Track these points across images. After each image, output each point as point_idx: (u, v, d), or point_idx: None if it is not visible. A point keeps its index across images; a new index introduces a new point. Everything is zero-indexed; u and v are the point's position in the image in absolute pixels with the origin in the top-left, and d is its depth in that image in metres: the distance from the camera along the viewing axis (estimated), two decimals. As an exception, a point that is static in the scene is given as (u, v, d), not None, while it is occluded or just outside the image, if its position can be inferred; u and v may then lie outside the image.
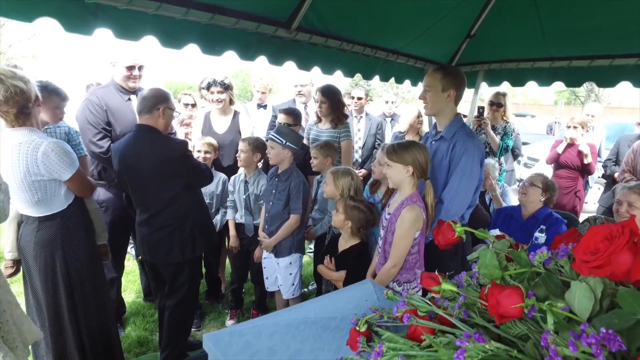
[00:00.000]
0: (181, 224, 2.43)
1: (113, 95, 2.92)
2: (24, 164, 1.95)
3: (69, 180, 2.07)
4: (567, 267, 0.73)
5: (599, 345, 0.51)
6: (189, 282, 2.55)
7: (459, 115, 2.35)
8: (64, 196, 2.11)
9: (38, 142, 1.96)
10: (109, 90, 2.94)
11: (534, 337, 0.71)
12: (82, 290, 2.18)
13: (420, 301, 0.84)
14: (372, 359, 0.75)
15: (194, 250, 2.51)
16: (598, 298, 0.60)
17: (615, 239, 0.54)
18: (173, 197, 2.39)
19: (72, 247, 2.13)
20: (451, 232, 0.89)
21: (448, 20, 3.15)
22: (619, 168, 4.15)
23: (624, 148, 4.23)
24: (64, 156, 2.02)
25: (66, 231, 2.11)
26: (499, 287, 0.65)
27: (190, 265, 2.55)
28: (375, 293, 1.37)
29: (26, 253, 2.12)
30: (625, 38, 2.85)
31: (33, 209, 2.06)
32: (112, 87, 2.95)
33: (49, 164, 1.98)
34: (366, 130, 4.35)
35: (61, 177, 2.04)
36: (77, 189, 2.16)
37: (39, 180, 1.99)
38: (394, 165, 2.00)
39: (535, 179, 2.94)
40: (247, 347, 1.16)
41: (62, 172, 2.03)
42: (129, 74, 2.91)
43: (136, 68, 2.93)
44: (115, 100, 2.91)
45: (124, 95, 2.96)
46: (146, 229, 2.43)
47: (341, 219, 2.36)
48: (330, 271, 2.45)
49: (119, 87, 2.95)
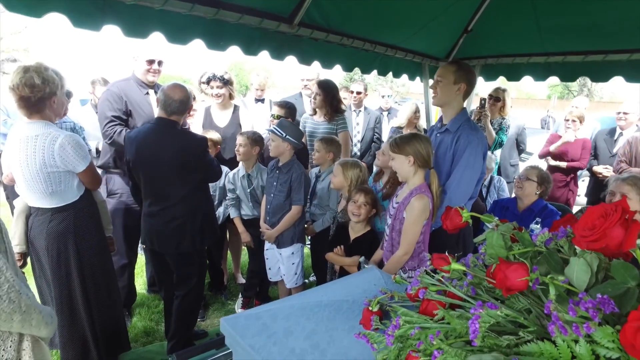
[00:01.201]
0: (193, 216, 2.51)
1: (133, 88, 3.02)
2: (40, 156, 2.02)
3: (82, 173, 2.16)
4: (566, 247, 0.80)
5: (595, 309, 0.59)
6: (197, 273, 2.63)
7: (465, 110, 2.42)
8: (76, 188, 2.19)
9: (55, 135, 2.04)
10: (128, 83, 3.04)
11: (536, 310, 0.79)
12: (94, 280, 2.25)
13: (431, 280, 0.91)
14: (390, 331, 0.82)
15: (202, 242, 2.60)
16: (594, 271, 0.67)
17: (610, 216, 0.62)
18: (190, 190, 2.47)
19: (84, 238, 2.21)
20: (458, 217, 0.97)
21: (446, 16, 3.21)
22: (596, 162, 4.40)
23: (601, 142, 4.47)
24: (79, 149, 2.12)
25: (78, 222, 2.19)
26: (506, 263, 0.72)
27: (199, 257, 2.63)
28: (383, 278, 1.44)
29: (37, 244, 2.18)
30: (619, 34, 2.93)
31: (46, 200, 2.12)
32: (132, 80, 3.05)
33: (65, 156, 2.06)
34: (365, 124, 4.41)
35: (76, 169, 2.13)
36: (88, 181, 2.25)
37: (55, 171, 2.07)
38: (397, 156, 2.09)
39: (531, 173, 2.99)
40: (264, 328, 1.23)
41: (77, 164, 2.12)
42: (149, 67, 3.02)
43: (156, 62, 3.04)
44: (135, 93, 3.02)
45: (142, 89, 3.05)
46: (157, 220, 2.49)
47: (359, 204, 2.49)
48: (343, 258, 2.53)
49: (139, 81, 3.05)
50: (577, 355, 0.60)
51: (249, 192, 3.17)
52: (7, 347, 1.33)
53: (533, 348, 0.64)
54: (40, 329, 1.38)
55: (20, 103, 2.02)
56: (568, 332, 0.60)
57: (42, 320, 1.38)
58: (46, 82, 2.02)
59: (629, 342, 0.52)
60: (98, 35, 3.94)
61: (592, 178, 4.55)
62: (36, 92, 1.99)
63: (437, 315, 0.82)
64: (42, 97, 2.02)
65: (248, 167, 3.18)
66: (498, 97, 4.18)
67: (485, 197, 3.64)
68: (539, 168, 3.06)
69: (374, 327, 1.02)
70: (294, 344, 1.15)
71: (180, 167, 2.41)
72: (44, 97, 2.02)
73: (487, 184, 3.73)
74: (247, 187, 3.18)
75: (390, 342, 0.82)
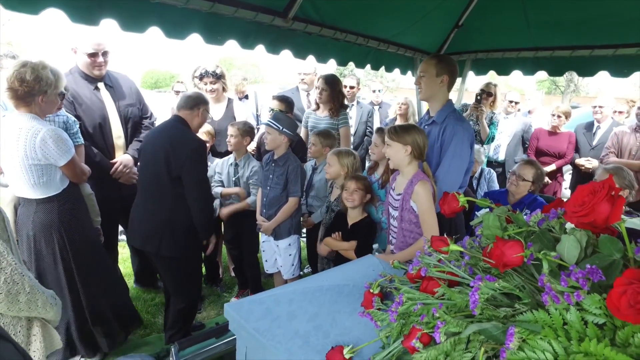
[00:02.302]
0: (172, 221, 2.41)
1: (78, 84, 2.76)
2: (22, 148, 2.07)
3: (64, 166, 2.20)
4: (557, 227, 0.86)
5: (585, 278, 0.64)
6: (188, 280, 2.57)
7: (450, 101, 2.49)
8: (59, 181, 2.24)
9: (37, 129, 2.08)
10: (73, 78, 2.75)
11: (529, 286, 0.85)
12: (82, 270, 2.30)
13: (431, 260, 0.96)
14: (394, 308, 0.87)
15: (176, 248, 2.44)
16: (583, 247, 0.73)
17: (597, 193, 0.67)
18: (175, 192, 2.40)
19: (70, 229, 2.25)
20: (455, 201, 1.02)
21: (437, 11, 3.26)
22: (578, 155, 4.51)
23: (580, 136, 4.58)
24: (61, 143, 2.15)
25: (63, 214, 2.23)
26: (503, 241, 0.78)
27: (187, 264, 2.54)
28: (381, 264, 1.50)
29: (23, 233, 2.22)
30: (604, 29, 3.02)
31: (31, 191, 2.18)
32: (77, 73, 2.77)
33: (46, 149, 2.10)
34: (357, 117, 4.47)
35: (57, 163, 2.17)
36: (71, 175, 2.29)
37: (37, 164, 2.11)
38: (394, 144, 2.13)
39: (527, 173, 2.94)
40: (267, 313, 1.28)
41: (58, 158, 2.16)
42: (92, 60, 2.73)
43: (99, 55, 2.73)
44: (83, 88, 2.77)
45: (90, 84, 2.79)
46: (137, 211, 2.51)
47: (350, 191, 2.55)
48: (340, 242, 2.61)
49: (83, 75, 2.77)
50: (568, 322, 0.66)
51: (234, 180, 3.21)
52: (17, 332, 1.37)
53: (528, 317, 0.69)
54: (46, 309, 1.42)
55: (7, 93, 2.06)
56: (560, 300, 0.66)
57: (47, 301, 1.41)
58: (38, 80, 2.06)
59: (614, 305, 0.58)
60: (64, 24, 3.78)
61: (575, 171, 4.68)
62: (24, 87, 2.04)
63: (437, 293, 0.88)
64: (31, 93, 2.07)
65: (238, 157, 3.22)
66: (490, 92, 4.26)
67: (476, 189, 3.72)
68: (536, 166, 3.01)
69: (376, 307, 1.07)
70: (298, 326, 1.20)
71: (165, 161, 2.35)
72: (32, 92, 2.07)
73: (477, 176, 3.81)
74: (232, 175, 3.21)
75: (394, 317, 0.87)
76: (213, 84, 3.54)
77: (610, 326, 0.63)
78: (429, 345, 0.80)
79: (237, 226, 3.30)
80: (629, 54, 3.04)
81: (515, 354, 0.64)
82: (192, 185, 2.40)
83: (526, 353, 0.63)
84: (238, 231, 3.32)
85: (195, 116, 2.54)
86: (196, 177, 2.42)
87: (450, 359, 0.74)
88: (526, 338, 0.66)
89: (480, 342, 0.72)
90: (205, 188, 2.55)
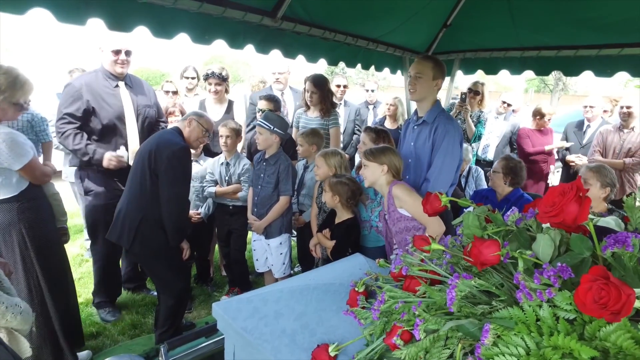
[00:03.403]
0: (152, 216, 2.44)
1: (99, 82, 2.91)
2: None
3: (21, 170, 2.15)
4: (534, 226, 0.89)
5: (556, 276, 0.67)
6: (170, 276, 2.59)
7: (439, 101, 2.54)
8: (15, 183, 2.18)
9: None
10: (96, 76, 2.93)
11: (507, 284, 0.88)
12: (44, 272, 2.27)
13: (413, 259, 0.99)
14: (376, 306, 0.89)
15: (158, 247, 2.49)
16: (557, 245, 0.76)
17: (566, 194, 0.70)
18: (148, 189, 2.44)
19: (31, 230, 2.21)
20: (438, 201, 1.04)
21: (426, 11, 3.30)
22: (568, 153, 4.60)
23: (571, 134, 4.68)
24: (16, 147, 2.10)
25: (23, 215, 2.19)
26: (480, 240, 0.80)
27: (164, 261, 2.56)
28: (367, 263, 1.52)
29: None
30: (588, 30, 3.08)
31: None
32: (100, 72, 2.94)
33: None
34: (346, 116, 4.49)
35: (12, 167, 2.12)
36: (31, 178, 2.23)
37: None
38: (370, 164, 2.20)
39: (497, 166, 3.09)
40: (255, 312, 1.29)
41: (13, 162, 2.11)
42: (116, 58, 2.90)
43: (123, 52, 2.92)
44: (101, 86, 2.90)
45: (111, 82, 2.95)
46: (121, 208, 2.52)
47: (329, 196, 2.57)
48: (326, 240, 2.67)
49: (107, 74, 2.94)
50: (541, 318, 0.68)
51: (226, 179, 3.22)
52: None
53: (504, 314, 0.72)
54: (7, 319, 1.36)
55: None
56: (533, 297, 0.68)
57: (7, 310, 1.36)
58: None
59: (581, 301, 0.61)
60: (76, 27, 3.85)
61: (565, 168, 4.75)
62: None
63: (419, 291, 0.90)
64: None
65: (228, 156, 3.23)
66: (477, 91, 4.31)
67: (464, 187, 3.77)
68: (508, 159, 3.10)
69: (360, 306, 1.09)
70: (285, 324, 1.22)
71: (149, 159, 2.42)
72: None
73: (465, 174, 3.85)
74: (224, 174, 3.23)
75: (376, 316, 0.89)
76: (218, 86, 3.60)
77: (580, 321, 0.66)
78: (410, 342, 0.82)
79: (227, 224, 3.32)
80: (612, 54, 3.11)
81: (490, 349, 0.66)
82: (165, 185, 2.42)
83: (500, 348, 0.65)
84: (229, 229, 3.33)
85: (186, 126, 2.62)
86: (171, 178, 2.43)
87: (430, 355, 0.76)
88: (501, 334, 0.68)
89: (458, 339, 0.74)
90: (179, 192, 2.52)
